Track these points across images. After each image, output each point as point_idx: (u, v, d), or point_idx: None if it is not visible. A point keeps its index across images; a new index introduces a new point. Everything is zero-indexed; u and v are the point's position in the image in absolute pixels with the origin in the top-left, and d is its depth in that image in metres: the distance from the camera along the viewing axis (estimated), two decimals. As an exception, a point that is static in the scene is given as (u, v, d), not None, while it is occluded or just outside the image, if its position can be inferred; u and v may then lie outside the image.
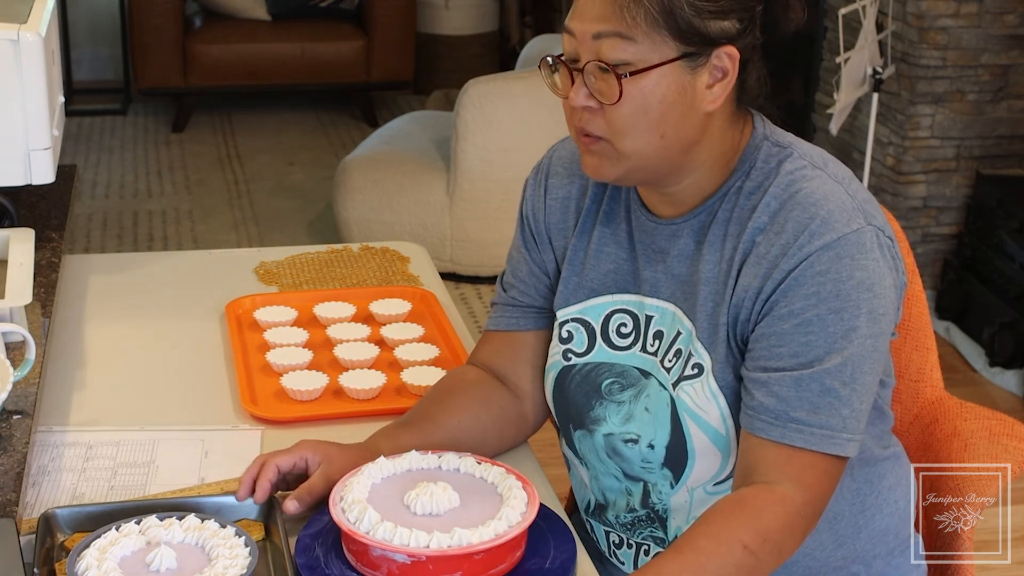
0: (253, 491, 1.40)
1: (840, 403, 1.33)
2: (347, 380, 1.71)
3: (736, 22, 1.35)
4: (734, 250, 1.39)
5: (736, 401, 1.39)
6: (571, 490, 1.75)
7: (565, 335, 1.53)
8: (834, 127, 3.97)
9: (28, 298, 1.64)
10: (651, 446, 1.45)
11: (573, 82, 1.37)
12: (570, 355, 1.52)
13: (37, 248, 1.90)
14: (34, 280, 1.76)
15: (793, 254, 1.34)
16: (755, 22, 1.37)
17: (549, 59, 1.40)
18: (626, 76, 1.32)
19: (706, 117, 1.38)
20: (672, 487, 1.46)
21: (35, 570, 1.27)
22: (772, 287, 1.35)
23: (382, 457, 1.41)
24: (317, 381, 1.71)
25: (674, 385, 1.43)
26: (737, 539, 1.29)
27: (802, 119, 4.44)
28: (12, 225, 1.98)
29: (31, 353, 1.55)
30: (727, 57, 1.35)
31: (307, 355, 1.79)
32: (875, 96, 3.91)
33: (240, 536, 1.30)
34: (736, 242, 1.39)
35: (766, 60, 1.43)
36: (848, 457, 1.36)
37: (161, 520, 1.32)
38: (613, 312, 1.50)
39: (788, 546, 1.33)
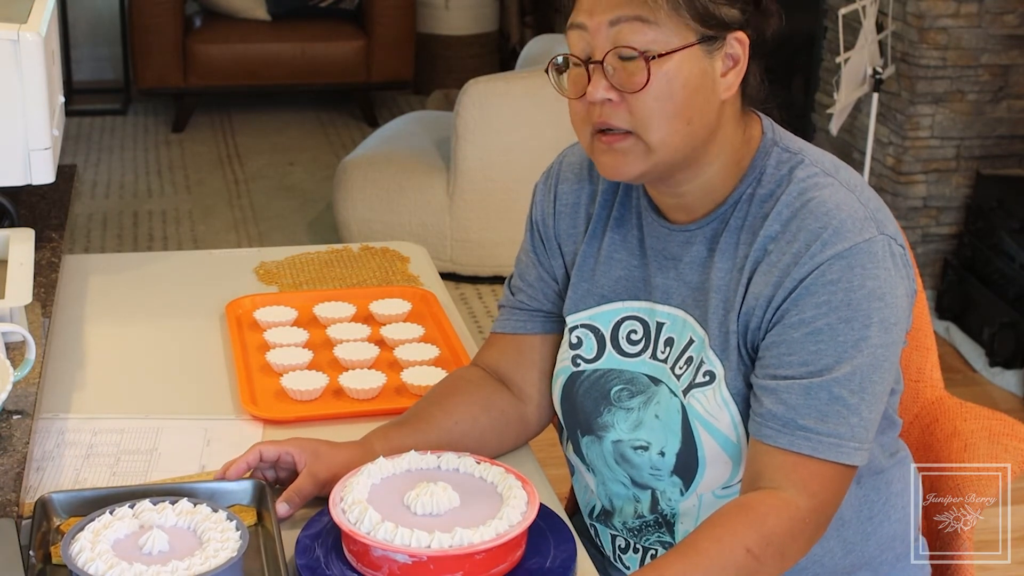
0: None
1: (848, 412, 1.32)
2: (347, 380, 1.71)
3: (739, 12, 1.36)
4: (745, 258, 1.38)
5: (747, 409, 1.39)
6: (571, 491, 1.75)
7: (575, 341, 1.52)
8: (834, 127, 3.97)
9: (28, 298, 1.64)
10: (662, 453, 1.45)
11: (589, 79, 1.35)
12: (579, 361, 1.52)
13: (37, 248, 1.90)
14: (34, 280, 1.76)
15: (805, 263, 1.33)
16: (754, 15, 1.38)
17: (559, 59, 1.38)
18: (654, 58, 1.31)
19: (721, 106, 1.37)
20: (682, 494, 1.46)
21: (30, 553, 1.28)
22: (783, 295, 1.35)
23: (381, 457, 1.40)
24: (317, 381, 1.71)
25: (684, 392, 1.42)
26: (740, 543, 1.28)
27: (802, 119, 4.44)
28: (12, 225, 1.98)
29: (31, 353, 1.55)
30: (738, 43, 1.36)
31: (307, 355, 1.79)
32: (875, 96, 3.91)
33: (231, 520, 1.32)
34: (748, 250, 1.38)
35: (767, 60, 1.43)
36: (856, 466, 1.35)
37: (154, 504, 1.34)
38: (623, 319, 1.49)
39: (792, 552, 1.32)
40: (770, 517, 1.30)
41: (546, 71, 1.41)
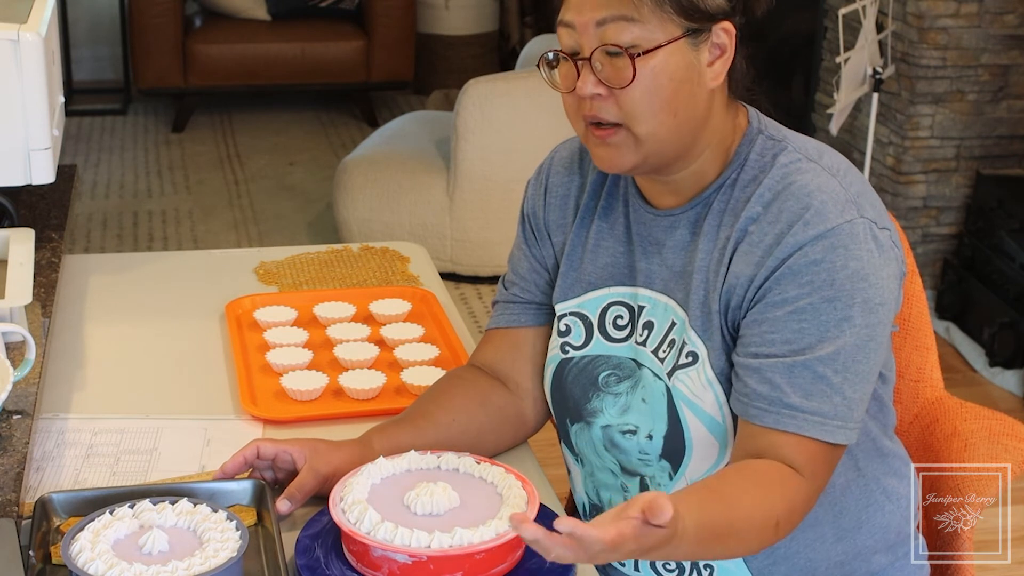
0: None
1: (832, 390, 1.33)
2: (347, 380, 1.71)
3: (726, 0, 1.37)
4: (727, 239, 1.40)
5: (732, 388, 1.40)
6: (571, 491, 1.76)
7: (563, 328, 1.54)
8: (834, 127, 3.97)
9: (28, 298, 1.64)
10: (649, 437, 1.46)
11: (579, 74, 1.37)
12: (568, 348, 1.53)
13: (37, 248, 1.91)
14: (34, 280, 1.76)
15: (787, 242, 1.35)
16: (741, 1, 1.40)
17: (549, 55, 1.41)
18: (639, 55, 1.34)
19: (710, 95, 1.40)
20: (671, 479, 1.46)
21: (30, 553, 1.28)
22: (765, 275, 1.36)
23: (381, 457, 1.41)
24: (317, 381, 1.71)
25: (669, 375, 1.43)
26: (774, 514, 1.29)
27: (802, 119, 4.45)
28: (12, 225, 1.98)
29: (31, 353, 1.55)
30: (724, 33, 1.38)
31: (307, 355, 1.79)
32: (875, 96, 3.91)
33: (231, 520, 1.32)
34: (729, 231, 1.40)
35: (764, 59, 1.46)
36: (843, 446, 1.36)
37: (154, 504, 1.34)
38: (610, 304, 1.51)
39: (792, 528, 1.34)
40: (789, 491, 1.31)
41: (538, 66, 1.44)
